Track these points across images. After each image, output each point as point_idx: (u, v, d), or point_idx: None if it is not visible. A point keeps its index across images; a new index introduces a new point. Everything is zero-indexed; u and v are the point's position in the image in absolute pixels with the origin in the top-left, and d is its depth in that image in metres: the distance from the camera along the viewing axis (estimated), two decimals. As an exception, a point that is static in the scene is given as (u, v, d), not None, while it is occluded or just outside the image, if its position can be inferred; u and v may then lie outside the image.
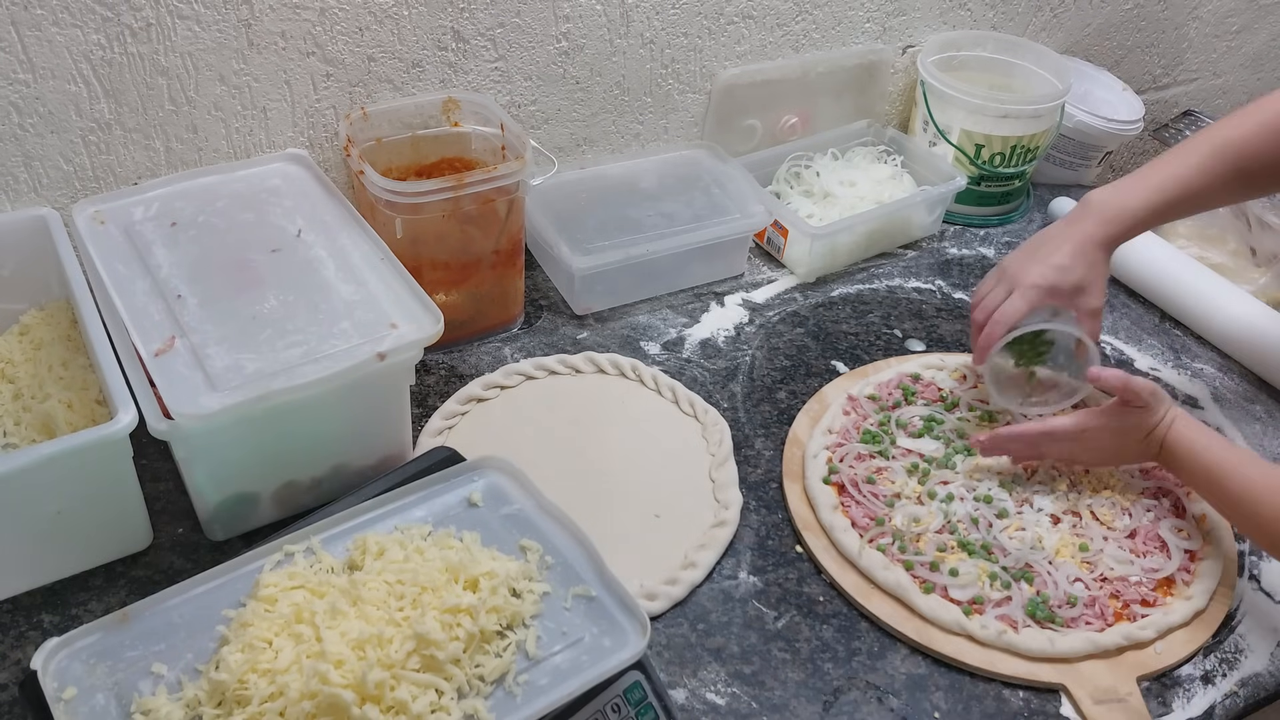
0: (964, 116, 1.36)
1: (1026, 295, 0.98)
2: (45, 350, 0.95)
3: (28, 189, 0.98)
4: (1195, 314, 1.27)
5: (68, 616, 0.83)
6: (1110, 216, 0.98)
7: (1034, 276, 0.98)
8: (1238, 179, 0.97)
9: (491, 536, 0.75)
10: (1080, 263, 0.98)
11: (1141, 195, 0.98)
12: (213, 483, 0.85)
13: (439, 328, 0.86)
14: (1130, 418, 0.92)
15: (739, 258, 1.27)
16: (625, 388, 1.10)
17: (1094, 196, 1.00)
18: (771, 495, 1.00)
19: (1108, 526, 0.97)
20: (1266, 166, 0.96)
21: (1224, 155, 0.97)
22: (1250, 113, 0.97)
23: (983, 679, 0.86)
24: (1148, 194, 0.97)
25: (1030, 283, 0.98)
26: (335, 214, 0.97)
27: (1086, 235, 0.98)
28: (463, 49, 1.13)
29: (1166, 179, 0.97)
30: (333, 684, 0.61)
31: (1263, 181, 0.99)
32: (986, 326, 1.00)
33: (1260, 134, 0.96)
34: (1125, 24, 1.67)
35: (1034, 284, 0.98)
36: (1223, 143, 0.97)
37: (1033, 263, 0.99)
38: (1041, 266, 0.98)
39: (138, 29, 0.94)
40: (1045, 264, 0.98)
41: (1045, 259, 0.99)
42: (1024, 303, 0.98)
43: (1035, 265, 0.99)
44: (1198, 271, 1.29)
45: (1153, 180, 0.98)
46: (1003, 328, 0.98)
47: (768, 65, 1.35)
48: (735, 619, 0.89)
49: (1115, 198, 0.99)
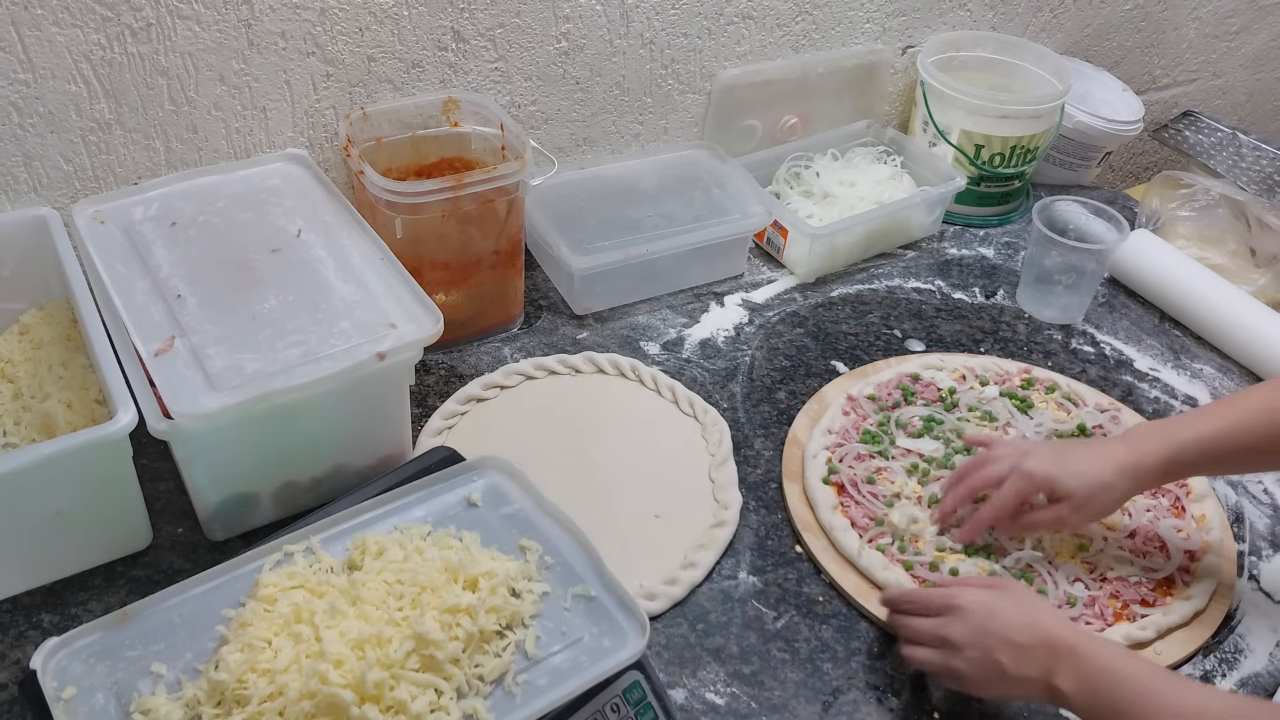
0: (964, 117, 1.36)
1: (1018, 484, 0.89)
2: (45, 350, 0.95)
3: (28, 189, 0.98)
4: (1195, 314, 1.27)
5: (68, 616, 0.83)
6: (1142, 444, 0.88)
7: (1040, 466, 0.89)
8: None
9: (491, 536, 0.75)
10: (1096, 479, 0.87)
11: (1190, 430, 0.87)
12: (213, 483, 0.85)
13: (439, 328, 0.86)
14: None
15: (739, 258, 1.27)
16: (625, 388, 1.10)
17: (1138, 427, 0.91)
18: (771, 495, 1.00)
19: (1107, 526, 0.97)
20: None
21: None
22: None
23: (982, 679, 0.86)
24: (1197, 431, 0.87)
25: (1030, 469, 0.88)
26: (335, 214, 0.97)
27: (1119, 452, 0.88)
28: (463, 49, 1.13)
29: (1233, 414, 0.86)
30: (332, 684, 0.61)
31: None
32: (983, 509, 0.92)
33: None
34: (1125, 24, 1.67)
35: (1032, 471, 0.88)
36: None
37: (1051, 456, 0.90)
38: (1055, 462, 0.89)
39: (138, 29, 0.94)
40: (1061, 462, 0.88)
41: (1063, 460, 0.89)
42: (1013, 491, 0.89)
43: (1052, 458, 0.89)
44: (1198, 272, 1.29)
45: (1205, 418, 0.88)
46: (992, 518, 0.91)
47: (768, 65, 1.35)
48: (735, 619, 0.89)
49: (1161, 430, 0.89)
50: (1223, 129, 1.59)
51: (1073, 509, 0.87)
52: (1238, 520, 1.03)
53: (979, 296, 1.30)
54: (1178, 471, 0.87)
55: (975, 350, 1.21)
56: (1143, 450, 0.87)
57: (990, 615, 0.78)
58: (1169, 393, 1.18)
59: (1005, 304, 1.29)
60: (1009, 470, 0.90)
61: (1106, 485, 0.87)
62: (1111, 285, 1.35)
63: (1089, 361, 1.22)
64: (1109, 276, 1.35)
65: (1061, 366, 1.20)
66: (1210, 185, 1.41)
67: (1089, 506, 0.87)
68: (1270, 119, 2.06)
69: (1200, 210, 1.40)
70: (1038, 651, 0.75)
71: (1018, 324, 1.26)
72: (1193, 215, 1.40)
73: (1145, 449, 0.87)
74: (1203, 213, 1.40)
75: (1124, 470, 0.87)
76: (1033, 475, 0.88)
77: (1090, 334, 1.26)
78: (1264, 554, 1.00)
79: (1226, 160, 1.53)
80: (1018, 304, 1.29)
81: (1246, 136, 1.56)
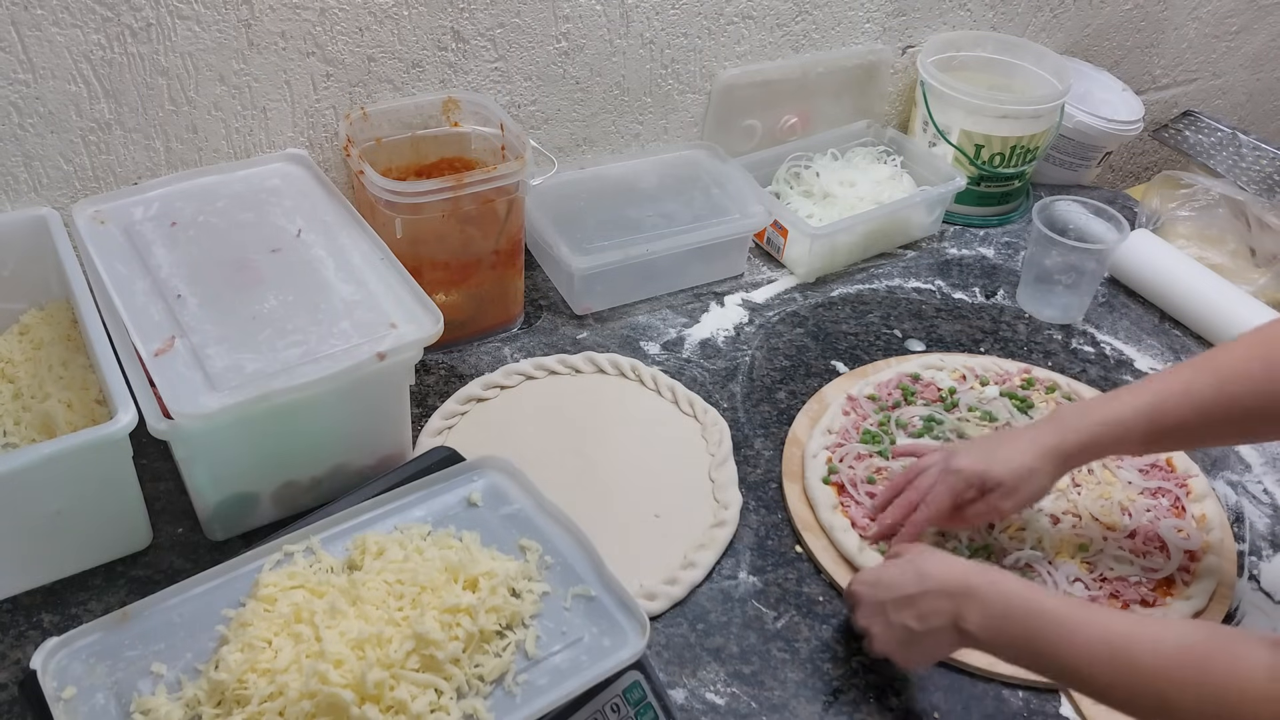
0: (964, 117, 1.36)
1: (948, 481, 0.90)
2: (45, 350, 0.95)
3: (28, 189, 0.98)
4: (1195, 314, 1.27)
5: (68, 616, 0.83)
6: (1072, 427, 0.88)
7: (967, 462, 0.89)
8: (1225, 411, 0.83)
9: (491, 536, 0.75)
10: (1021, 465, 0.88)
11: (1111, 411, 0.87)
12: (213, 483, 0.85)
13: (439, 328, 0.86)
14: None
15: (739, 258, 1.27)
16: (625, 388, 1.10)
17: (1065, 408, 0.90)
18: (771, 495, 1.00)
19: (1107, 527, 0.97)
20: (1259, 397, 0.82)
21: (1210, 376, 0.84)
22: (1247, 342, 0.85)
23: (982, 679, 0.86)
24: (1119, 409, 0.86)
25: (957, 466, 0.89)
26: (335, 214, 0.97)
27: (1044, 436, 0.89)
28: (463, 49, 1.13)
29: (1148, 394, 0.86)
30: (332, 684, 0.61)
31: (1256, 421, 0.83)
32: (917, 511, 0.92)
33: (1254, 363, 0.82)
34: (1125, 24, 1.67)
35: (959, 468, 0.89)
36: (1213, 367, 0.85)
37: (977, 451, 0.91)
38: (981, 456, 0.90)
39: (138, 29, 0.94)
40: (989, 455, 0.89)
41: (991, 452, 0.90)
42: (945, 489, 0.90)
43: (977, 452, 0.90)
44: (1198, 271, 1.29)
45: (1128, 397, 0.87)
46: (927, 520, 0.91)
47: (767, 65, 1.35)
48: (735, 619, 0.89)
49: (1083, 411, 0.89)
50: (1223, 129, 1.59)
51: (1003, 496, 0.88)
52: (1238, 520, 1.03)
53: (979, 296, 1.30)
54: (1100, 451, 0.88)
55: (975, 350, 1.21)
56: (1065, 433, 0.88)
57: (877, 585, 0.80)
58: (1169, 393, 1.18)
59: (1005, 304, 1.29)
60: (939, 474, 0.91)
61: (1033, 470, 0.87)
62: (1111, 285, 1.35)
63: (1089, 361, 1.22)
64: (1109, 276, 1.35)
65: (1061, 366, 1.20)
66: (1210, 185, 1.41)
67: (1019, 493, 0.88)
68: (1270, 119, 2.06)
69: (1200, 210, 1.40)
70: (934, 600, 0.76)
71: (1018, 324, 1.26)
72: (1193, 215, 1.40)
73: (1068, 433, 0.88)
74: (1203, 213, 1.40)
75: (1048, 454, 0.88)
76: (961, 472, 0.89)
77: (1090, 334, 1.26)
78: (1264, 554, 1.00)
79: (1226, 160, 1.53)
80: (1018, 304, 1.29)
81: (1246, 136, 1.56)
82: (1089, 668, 0.68)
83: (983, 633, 0.73)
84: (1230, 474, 1.08)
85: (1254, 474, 1.09)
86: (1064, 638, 0.69)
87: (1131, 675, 0.66)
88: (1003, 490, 0.88)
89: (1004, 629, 0.72)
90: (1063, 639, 0.69)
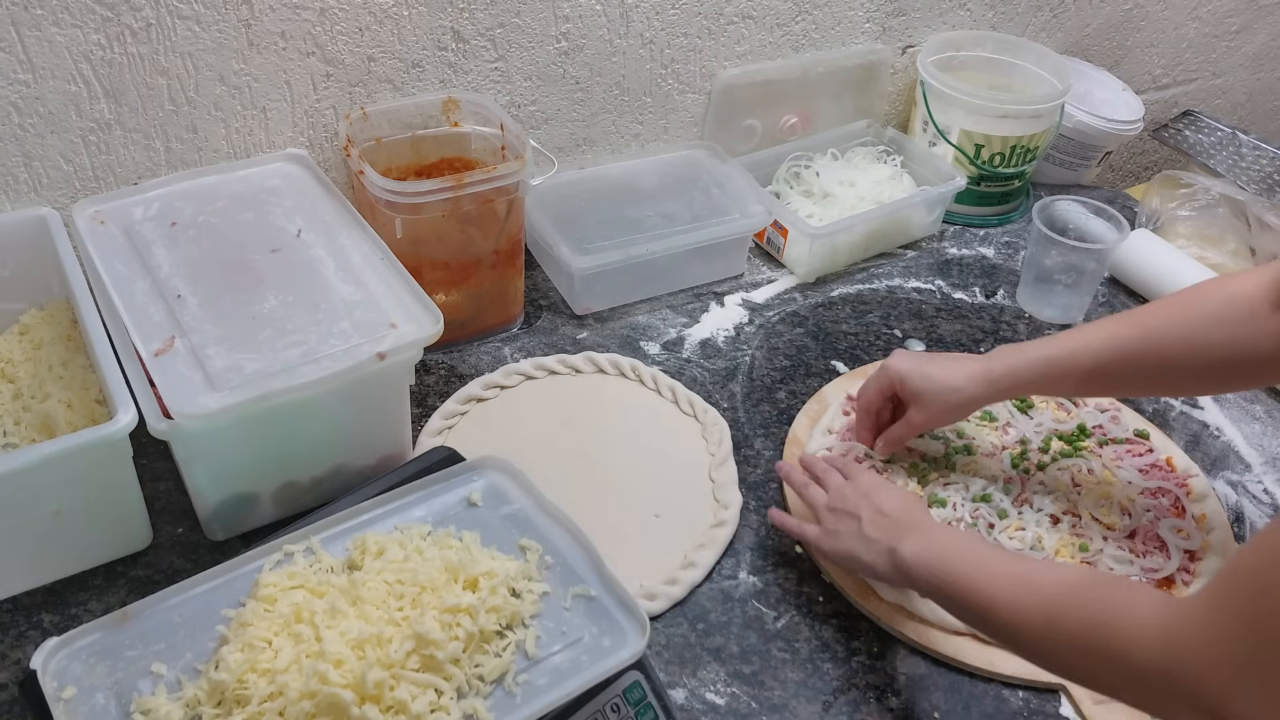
0: (964, 116, 1.36)
1: (878, 375, 0.97)
2: (45, 350, 0.95)
3: (28, 189, 0.98)
4: (1195, 314, 1.27)
5: (68, 616, 0.83)
6: (1002, 358, 0.93)
7: (897, 362, 0.96)
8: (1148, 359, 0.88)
9: (491, 536, 0.75)
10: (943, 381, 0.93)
11: (1042, 348, 0.92)
12: (213, 483, 0.85)
13: (439, 328, 0.86)
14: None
15: (739, 258, 1.27)
16: (625, 388, 1.10)
17: (1004, 345, 0.95)
18: (771, 495, 1.00)
19: (1107, 526, 0.97)
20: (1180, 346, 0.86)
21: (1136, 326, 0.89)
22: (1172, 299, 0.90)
23: (982, 679, 0.86)
24: (1049, 347, 0.91)
25: (888, 363, 0.96)
26: (335, 214, 0.97)
27: (974, 363, 0.94)
28: (463, 49, 1.13)
29: (1079, 339, 0.91)
30: (332, 684, 0.61)
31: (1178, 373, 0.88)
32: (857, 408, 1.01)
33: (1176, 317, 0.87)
34: (1125, 24, 1.67)
35: (889, 365, 0.96)
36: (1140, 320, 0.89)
37: (913, 359, 0.96)
38: (913, 363, 0.95)
39: (138, 29, 0.94)
40: (920, 364, 0.95)
41: (923, 364, 0.95)
42: (874, 382, 0.98)
43: (912, 360, 0.96)
44: (1197, 271, 1.29)
45: (1062, 339, 0.92)
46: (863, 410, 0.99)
47: (767, 65, 1.35)
48: (735, 619, 0.89)
49: (1018, 347, 0.94)
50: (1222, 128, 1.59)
51: (918, 409, 0.94)
52: (1238, 520, 1.03)
53: (979, 296, 1.30)
54: (1022, 386, 0.93)
55: (975, 350, 1.21)
56: (995, 362, 0.93)
57: (876, 487, 0.87)
58: (1169, 392, 1.19)
59: (1005, 304, 1.29)
60: (875, 371, 0.98)
61: (953, 388, 0.93)
62: (1111, 285, 1.35)
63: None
64: (1109, 276, 1.35)
65: (1061, 366, 1.20)
66: (1210, 185, 1.41)
67: (934, 406, 0.94)
68: (1270, 118, 2.06)
69: (1200, 210, 1.40)
70: (892, 521, 0.82)
71: (1018, 324, 1.26)
72: (1193, 215, 1.40)
73: (997, 362, 0.93)
74: (1203, 212, 1.40)
75: (972, 376, 0.93)
76: (888, 367, 0.96)
77: (1090, 334, 1.26)
78: (1264, 554, 0.99)
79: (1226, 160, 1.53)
80: (1018, 304, 1.29)
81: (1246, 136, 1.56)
82: (992, 593, 0.72)
83: (914, 560, 0.78)
84: (1230, 474, 1.08)
85: (1254, 474, 1.09)
86: (979, 567, 0.74)
87: (1029, 598, 0.70)
88: (919, 405, 0.94)
89: (930, 563, 0.77)
90: (978, 569, 0.74)
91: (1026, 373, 0.91)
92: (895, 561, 0.80)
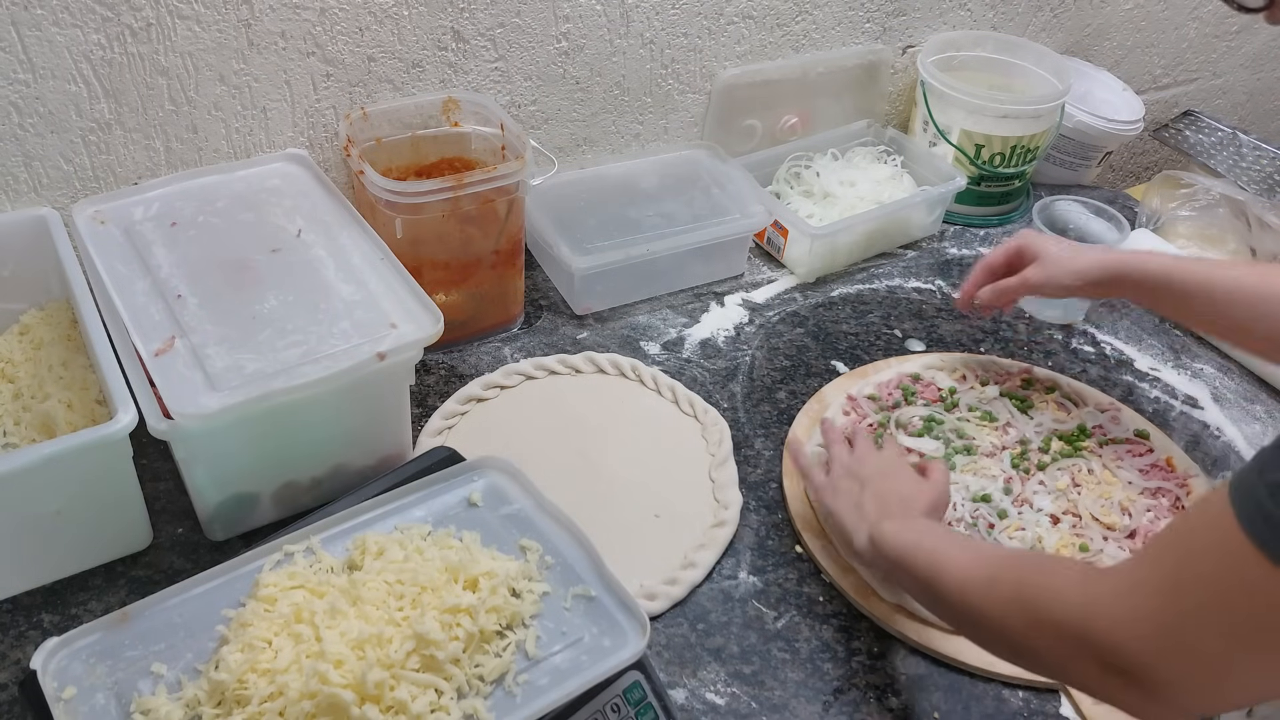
0: (964, 116, 1.36)
1: (1006, 242, 1.08)
2: (45, 350, 0.95)
3: (28, 189, 0.98)
4: (1195, 314, 1.27)
5: (68, 616, 0.83)
6: (1127, 253, 1.02)
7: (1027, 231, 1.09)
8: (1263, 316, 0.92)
9: (491, 536, 0.75)
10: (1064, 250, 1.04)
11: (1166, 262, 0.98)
12: (213, 483, 0.85)
13: (439, 328, 0.86)
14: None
15: (739, 258, 1.27)
16: (625, 388, 1.10)
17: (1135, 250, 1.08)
18: (771, 495, 1.00)
19: (1107, 526, 0.97)
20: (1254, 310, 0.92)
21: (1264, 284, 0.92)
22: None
23: (982, 679, 0.86)
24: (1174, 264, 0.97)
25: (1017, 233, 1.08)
26: (335, 214, 0.97)
27: (1095, 252, 1.03)
28: (463, 49, 1.13)
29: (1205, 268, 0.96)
30: (332, 684, 0.61)
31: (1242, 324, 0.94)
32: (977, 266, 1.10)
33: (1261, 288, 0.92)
34: (1125, 24, 1.67)
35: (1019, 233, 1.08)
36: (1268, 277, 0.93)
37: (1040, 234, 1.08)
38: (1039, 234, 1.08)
39: (138, 29, 0.94)
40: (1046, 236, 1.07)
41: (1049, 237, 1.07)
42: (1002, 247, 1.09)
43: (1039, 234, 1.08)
44: (1198, 271, 1.29)
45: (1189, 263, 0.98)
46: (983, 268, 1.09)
47: (768, 65, 1.35)
48: (735, 619, 0.89)
49: (1144, 254, 1.02)
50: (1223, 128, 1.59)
51: (1038, 266, 1.03)
52: (1238, 520, 1.03)
53: (979, 296, 1.30)
54: (1141, 289, 0.99)
55: (975, 350, 1.21)
56: (1119, 254, 1.01)
57: (896, 471, 0.90)
58: (1169, 392, 1.18)
59: (1005, 304, 1.29)
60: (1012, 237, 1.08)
61: (1074, 254, 1.02)
62: (1112, 285, 1.35)
63: (1089, 361, 1.22)
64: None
65: (1062, 366, 1.20)
66: (1210, 185, 1.41)
67: (1053, 266, 1.02)
68: (1270, 118, 2.06)
69: (1200, 210, 1.40)
70: (889, 505, 0.85)
71: (1018, 324, 1.26)
72: (1193, 215, 1.40)
73: (1122, 254, 1.01)
74: (1203, 212, 1.40)
75: (1095, 261, 1.01)
76: (1019, 234, 1.07)
77: (1090, 334, 1.26)
78: (1264, 554, 0.99)
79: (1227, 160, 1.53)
80: (1018, 304, 1.29)
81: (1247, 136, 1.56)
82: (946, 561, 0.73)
83: (888, 538, 0.80)
84: (1230, 474, 1.08)
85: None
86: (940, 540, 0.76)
87: (976, 561, 0.71)
88: (1040, 261, 1.03)
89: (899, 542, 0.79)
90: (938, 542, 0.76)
91: (1147, 278, 0.97)
92: (872, 536, 0.82)
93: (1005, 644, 0.68)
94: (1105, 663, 0.59)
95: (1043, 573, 0.65)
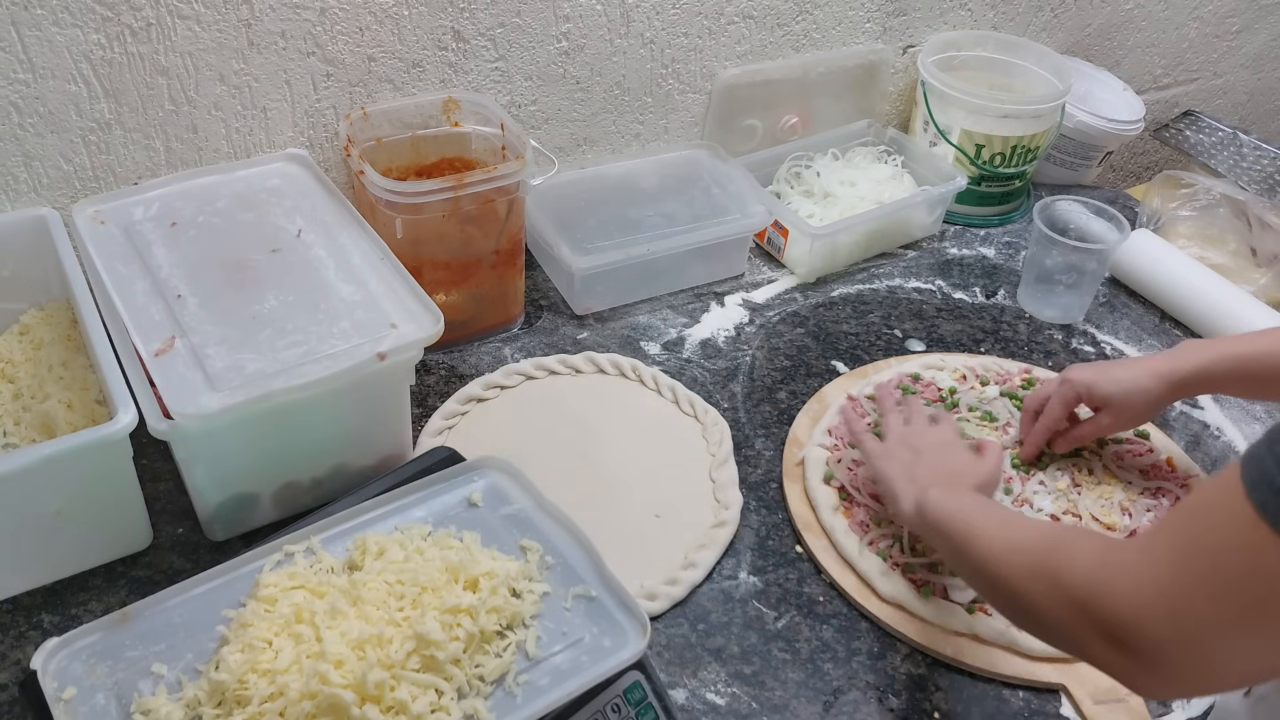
0: (964, 116, 1.36)
1: (1061, 391, 0.99)
2: (45, 350, 0.95)
3: (28, 189, 0.98)
4: (1195, 314, 1.27)
5: (68, 616, 0.83)
6: (1189, 355, 0.95)
7: (1079, 374, 0.99)
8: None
9: (491, 536, 0.75)
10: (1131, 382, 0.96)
11: (1231, 346, 0.94)
12: (213, 483, 0.85)
13: (439, 328, 0.86)
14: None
15: (739, 258, 1.27)
16: (625, 388, 1.09)
17: (1188, 341, 0.98)
18: (772, 495, 1.00)
19: (1107, 526, 0.97)
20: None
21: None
22: None
23: (983, 679, 0.86)
24: (1240, 346, 0.93)
25: (1070, 377, 0.99)
26: (335, 214, 0.97)
27: (1159, 362, 0.96)
28: (463, 49, 1.13)
29: (1273, 339, 0.92)
30: (333, 684, 0.61)
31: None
32: (1038, 424, 1.02)
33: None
34: (1125, 24, 1.67)
35: (1072, 379, 0.98)
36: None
37: (1093, 368, 0.99)
38: (1095, 372, 0.98)
39: (138, 29, 0.94)
40: (1103, 371, 0.98)
41: (1106, 370, 0.98)
42: (1058, 399, 1.00)
43: (1093, 369, 0.99)
44: (1198, 271, 1.29)
45: (1254, 337, 0.94)
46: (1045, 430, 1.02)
47: (768, 65, 1.35)
48: (735, 619, 0.89)
49: (1204, 344, 0.96)
50: (1223, 128, 1.59)
51: (1110, 414, 0.97)
52: (1238, 520, 1.03)
53: (979, 296, 1.30)
54: (1210, 383, 0.94)
55: (976, 350, 1.21)
56: (1181, 359, 0.94)
57: (950, 445, 0.90)
58: (1170, 392, 1.18)
59: (1006, 304, 1.29)
60: (1055, 385, 1.00)
61: (1142, 389, 0.95)
62: (1112, 285, 1.35)
63: (1090, 361, 1.22)
64: (1110, 276, 1.35)
65: (1062, 366, 1.19)
66: (1211, 185, 1.41)
67: (1125, 410, 0.96)
68: (1271, 118, 2.06)
69: (1201, 210, 1.40)
70: (940, 475, 0.85)
71: (1018, 324, 1.26)
72: (1193, 215, 1.40)
73: (1183, 358, 0.94)
74: (1203, 212, 1.40)
75: (1159, 375, 0.94)
76: (1073, 381, 0.98)
77: (1091, 334, 1.26)
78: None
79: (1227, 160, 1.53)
80: (1018, 304, 1.29)
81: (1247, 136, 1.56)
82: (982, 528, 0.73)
83: (933, 504, 0.79)
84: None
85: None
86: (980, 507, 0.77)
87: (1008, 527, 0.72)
88: (1110, 409, 0.97)
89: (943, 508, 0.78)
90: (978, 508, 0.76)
91: (1218, 369, 0.92)
92: (919, 502, 0.82)
93: (1026, 614, 0.69)
94: (1107, 633, 0.59)
95: (1065, 544, 0.65)
